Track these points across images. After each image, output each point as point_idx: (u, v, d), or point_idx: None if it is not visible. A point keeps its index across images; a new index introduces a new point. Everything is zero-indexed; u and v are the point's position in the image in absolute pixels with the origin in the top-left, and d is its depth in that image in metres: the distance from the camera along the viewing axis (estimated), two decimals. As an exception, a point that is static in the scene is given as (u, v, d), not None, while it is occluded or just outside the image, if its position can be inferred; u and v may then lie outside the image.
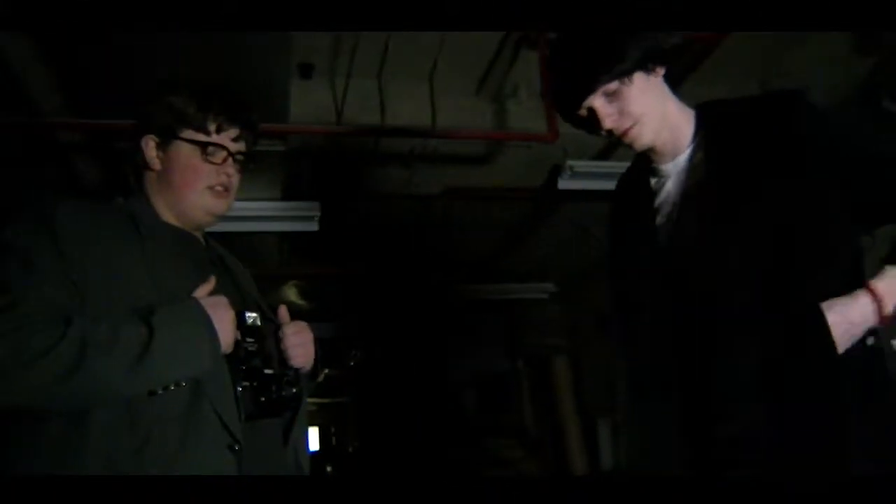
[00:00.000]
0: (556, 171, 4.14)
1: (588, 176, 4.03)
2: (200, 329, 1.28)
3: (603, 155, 4.34)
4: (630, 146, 1.50)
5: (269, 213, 4.16)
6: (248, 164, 1.57)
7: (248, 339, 1.41)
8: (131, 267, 1.33)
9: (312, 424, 16.84)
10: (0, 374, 1.15)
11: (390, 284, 7.50)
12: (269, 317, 1.55)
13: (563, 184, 4.09)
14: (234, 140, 1.53)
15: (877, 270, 1.37)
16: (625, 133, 1.46)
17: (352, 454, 11.27)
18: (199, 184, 1.49)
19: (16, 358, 1.15)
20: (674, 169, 1.50)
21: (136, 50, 2.68)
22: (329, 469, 12.31)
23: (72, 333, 1.18)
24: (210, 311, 1.31)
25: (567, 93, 1.47)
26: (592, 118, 1.46)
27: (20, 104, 3.20)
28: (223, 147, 1.51)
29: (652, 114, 1.45)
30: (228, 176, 1.53)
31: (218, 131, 1.50)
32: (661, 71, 1.46)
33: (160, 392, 1.25)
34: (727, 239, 1.38)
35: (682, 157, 1.49)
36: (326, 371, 11.20)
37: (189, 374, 1.27)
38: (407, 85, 4.16)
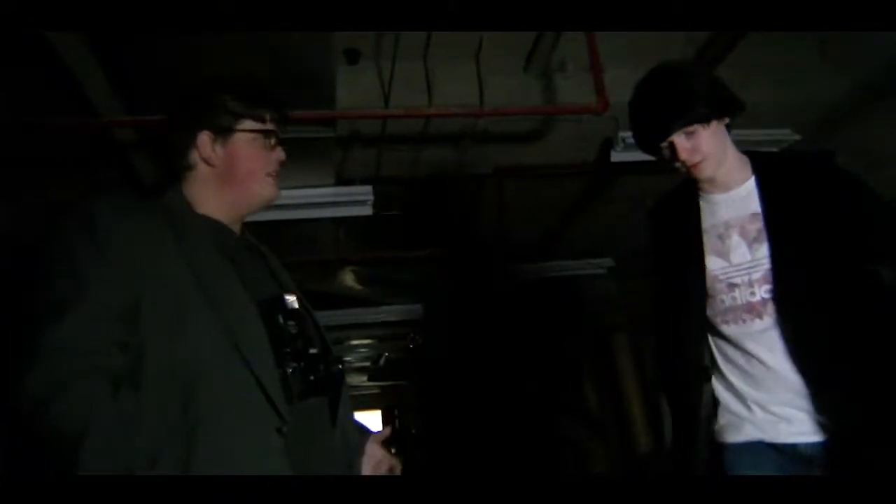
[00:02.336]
0: (608, 144, 4.09)
1: (641, 148, 3.96)
2: None
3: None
4: (694, 176, 1.83)
5: (322, 200, 4.21)
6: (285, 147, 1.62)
7: (290, 322, 1.44)
8: (174, 263, 1.35)
9: (375, 407, 17.05)
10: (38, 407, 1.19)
11: (448, 266, 7.52)
12: (304, 301, 1.58)
13: (616, 156, 4.03)
14: (278, 126, 1.58)
15: None
16: (694, 165, 1.79)
17: (415, 436, 11.36)
18: (262, 171, 1.54)
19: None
20: (727, 199, 1.85)
21: (181, 43, 2.71)
22: (393, 451, 12.46)
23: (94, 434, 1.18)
24: None
25: (656, 129, 1.80)
26: (671, 150, 1.79)
27: (79, 107, 3.30)
28: (276, 133, 1.56)
29: (716, 153, 1.79)
30: (279, 161, 1.57)
31: (270, 120, 1.55)
32: (726, 120, 1.82)
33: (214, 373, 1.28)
34: (790, 259, 1.74)
35: (737, 191, 1.84)
36: (387, 355, 11.32)
37: None
38: (453, 65, 4.13)
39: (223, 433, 1.26)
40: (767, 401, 1.78)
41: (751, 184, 1.83)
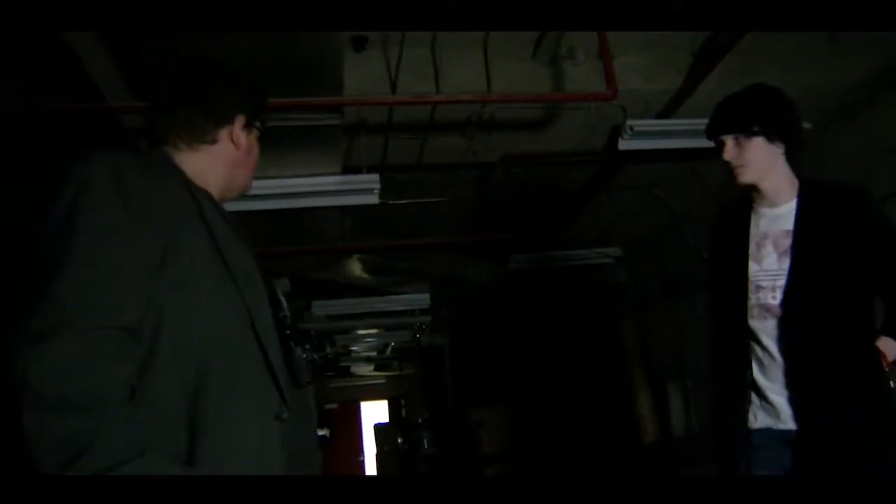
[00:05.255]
0: (616, 131, 4.06)
1: (648, 135, 3.94)
2: None
3: (664, 114, 4.22)
4: (734, 178, 2.10)
5: (329, 188, 4.20)
6: None
7: (290, 304, 1.44)
8: (193, 225, 1.30)
9: (382, 398, 17.13)
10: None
11: (454, 255, 7.51)
12: None
13: (624, 144, 4.01)
14: None
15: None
16: (733, 169, 2.08)
17: (420, 425, 11.38)
18: (256, 168, 1.60)
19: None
20: (770, 214, 2.12)
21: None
22: (400, 441, 12.50)
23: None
24: None
25: (714, 126, 2.12)
26: (720, 148, 2.10)
27: (87, 93, 3.29)
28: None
29: (757, 165, 2.06)
30: None
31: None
32: (781, 145, 2.06)
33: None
34: (804, 275, 2.02)
35: (780, 209, 2.10)
36: (393, 344, 11.34)
37: None
38: (461, 52, 4.11)
39: (233, 418, 1.23)
40: (773, 390, 2.05)
41: (792, 205, 2.09)
